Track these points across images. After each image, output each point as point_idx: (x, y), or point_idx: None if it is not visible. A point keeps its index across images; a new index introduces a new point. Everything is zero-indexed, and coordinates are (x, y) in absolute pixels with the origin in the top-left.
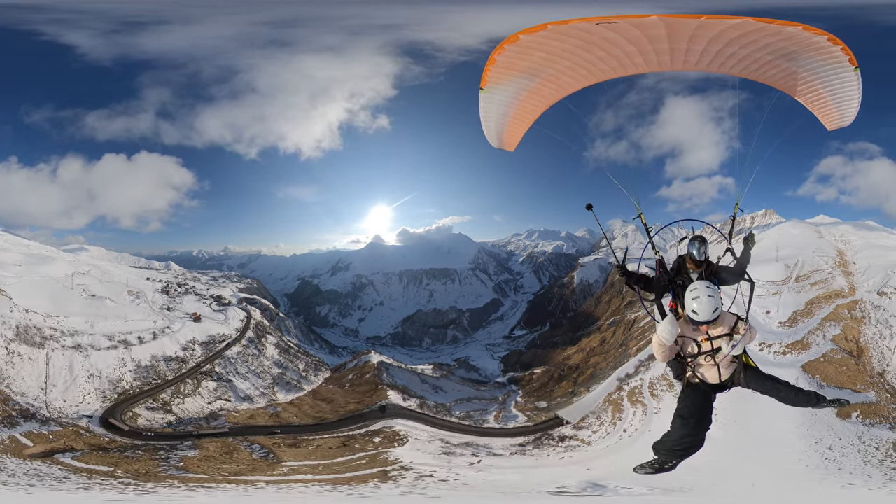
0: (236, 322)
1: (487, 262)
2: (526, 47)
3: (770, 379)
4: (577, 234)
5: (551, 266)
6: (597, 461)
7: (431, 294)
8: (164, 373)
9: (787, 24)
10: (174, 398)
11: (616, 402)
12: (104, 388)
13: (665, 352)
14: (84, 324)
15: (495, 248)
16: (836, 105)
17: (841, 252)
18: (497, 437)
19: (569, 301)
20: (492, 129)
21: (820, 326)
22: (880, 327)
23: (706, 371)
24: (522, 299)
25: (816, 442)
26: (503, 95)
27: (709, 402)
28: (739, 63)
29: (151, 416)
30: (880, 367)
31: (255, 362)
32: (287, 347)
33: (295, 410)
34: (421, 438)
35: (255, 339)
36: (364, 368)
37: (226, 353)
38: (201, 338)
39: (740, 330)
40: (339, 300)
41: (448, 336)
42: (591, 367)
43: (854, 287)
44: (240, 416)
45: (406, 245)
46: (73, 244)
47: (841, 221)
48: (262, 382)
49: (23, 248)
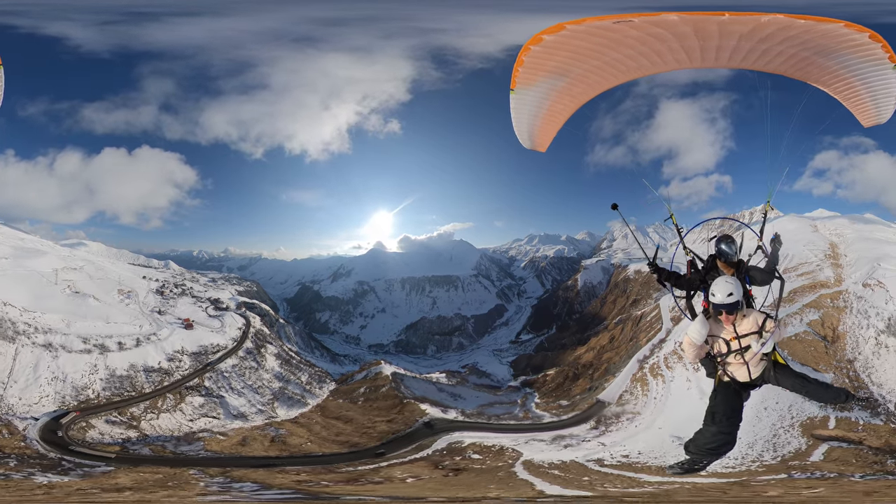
0: (233, 330)
1: (490, 268)
2: (551, 47)
3: (799, 377)
4: (577, 238)
5: (553, 270)
6: (657, 421)
7: (434, 301)
8: (141, 385)
9: (826, 20)
10: (147, 413)
11: (641, 378)
12: (65, 394)
13: (695, 351)
14: (60, 322)
15: (497, 254)
16: (874, 102)
17: (833, 245)
18: (559, 428)
19: (574, 303)
20: (524, 129)
21: (799, 311)
22: (860, 317)
23: (736, 370)
24: (526, 304)
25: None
26: (534, 96)
27: (740, 401)
28: (775, 59)
29: (107, 430)
30: (853, 354)
31: (252, 376)
32: (288, 358)
33: (304, 433)
34: (518, 444)
35: (253, 350)
36: (377, 381)
37: (219, 365)
38: (191, 348)
39: (769, 328)
40: (340, 306)
41: (454, 343)
42: (605, 363)
43: (841, 278)
44: (227, 439)
45: (408, 252)
46: (72, 239)
47: (839, 215)
48: (259, 398)
49: (16, 242)
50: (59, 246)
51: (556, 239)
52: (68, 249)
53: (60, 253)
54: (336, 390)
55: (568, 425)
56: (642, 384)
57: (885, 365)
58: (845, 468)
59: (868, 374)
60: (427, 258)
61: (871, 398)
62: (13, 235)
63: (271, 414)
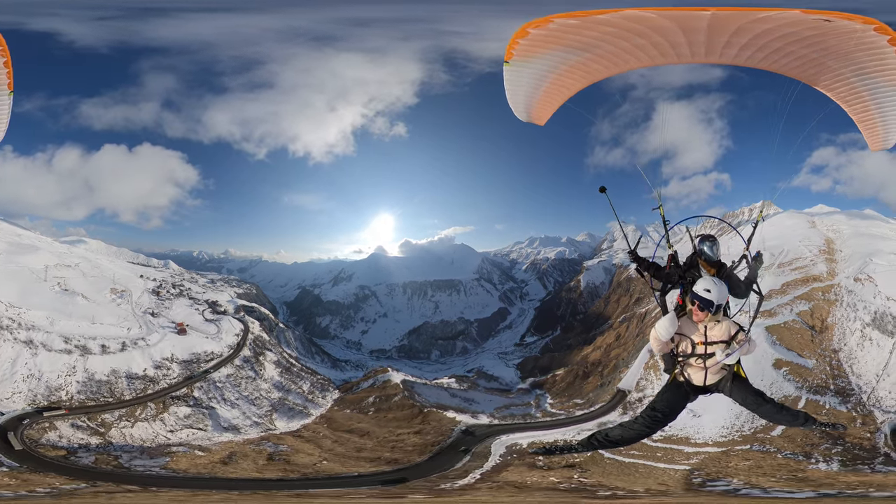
0: (230, 337)
1: (491, 272)
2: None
3: (755, 394)
4: (577, 239)
5: (555, 272)
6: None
7: (437, 305)
8: (121, 392)
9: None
10: (121, 420)
11: (654, 365)
12: (38, 393)
13: (660, 346)
14: (44, 319)
15: (498, 258)
16: (884, 126)
17: (829, 241)
18: (594, 419)
19: (577, 304)
20: (520, 101)
21: (790, 302)
22: (849, 310)
23: (694, 372)
24: (529, 306)
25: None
26: (536, 68)
27: (684, 403)
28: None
29: (69, 434)
30: (839, 345)
31: (249, 386)
32: (289, 366)
33: (312, 448)
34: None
35: (251, 359)
36: (386, 389)
37: (212, 375)
38: (182, 355)
39: (738, 339)
40: (341, 311)
41: (457, 347)
42: (614, 360)
43: (834, 273)
44: (206, 455)
45: (409, 256)
46: (73, 236)
47: (839, 211)
48: (255, 410)
49: (12, 238)
50: (56, 243)
51: (556, 241)
52: (66, 246)
53: (57, 250)
54: (341, 399)
55: (600, 415)
56: (655, 370)
57: (867, 357)
58: (788, 445)
59: (850, 364)
60: (428, 262)
61: (847, 390)
62: (10, 231)
63: (268, 426)
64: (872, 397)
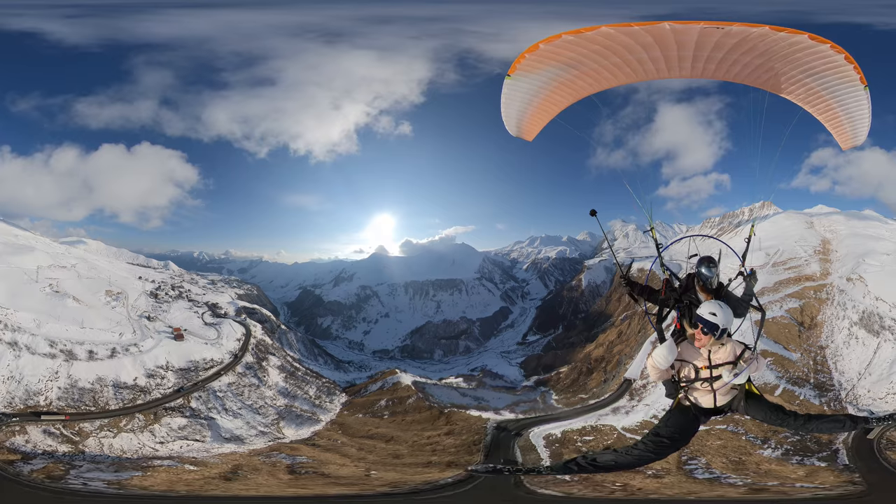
0: (231, 342)
1: (493, 271)
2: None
3: (774, 409)
4: (578, 238)
5: (556, 271)
6: None
7: (439, 305)
8: (106, 401)
9: (795, 32)
10: (103, 430)
11: None
12: (15, 395)
13: (658, 374)
14: (31, 321)
15: (499, 257)
16: (850, 124)
17: (826, 241)
18: (607, 405)
19: (579, 303)
20: (512, 115)
21: (781, 299)
22: (838, 308)
23: (701, 396)
24: (531, 305)
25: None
26: (531, 84)
27: (694, 427)
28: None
29: (37, 440)
30: (826, 342)
31: (252, 394)
32: (293, 370)
33: (339, 458)
34: (600, 422)
35: (254, 365)
36: (398, 392)
37: (211, 384)
38: (178, 363)
39: (745, 358)
40: (343, 311)
41: (460, 347)
42: (616, 356)
43: (828, 272)
44: (198, 471)
45: (410, 256)
46: (72, 237)
47: (838, 211)
48: (261, 419)
49: (8, 238)
50: (55, 243)
51: (557, 240)
52: (64, 247)
53: (54, 250)
54: (350, 403)
55: (611, 402)
56: None
57: (852, 354)
58: (753, 428)
59: (835, 360)
60: (430, 262)
61: (827, 385)
62: (7, 231)
63: (276, 435)
64: (851, 394)
